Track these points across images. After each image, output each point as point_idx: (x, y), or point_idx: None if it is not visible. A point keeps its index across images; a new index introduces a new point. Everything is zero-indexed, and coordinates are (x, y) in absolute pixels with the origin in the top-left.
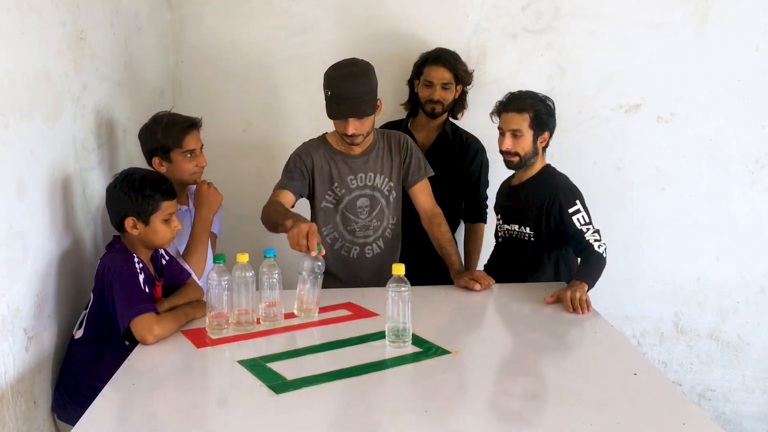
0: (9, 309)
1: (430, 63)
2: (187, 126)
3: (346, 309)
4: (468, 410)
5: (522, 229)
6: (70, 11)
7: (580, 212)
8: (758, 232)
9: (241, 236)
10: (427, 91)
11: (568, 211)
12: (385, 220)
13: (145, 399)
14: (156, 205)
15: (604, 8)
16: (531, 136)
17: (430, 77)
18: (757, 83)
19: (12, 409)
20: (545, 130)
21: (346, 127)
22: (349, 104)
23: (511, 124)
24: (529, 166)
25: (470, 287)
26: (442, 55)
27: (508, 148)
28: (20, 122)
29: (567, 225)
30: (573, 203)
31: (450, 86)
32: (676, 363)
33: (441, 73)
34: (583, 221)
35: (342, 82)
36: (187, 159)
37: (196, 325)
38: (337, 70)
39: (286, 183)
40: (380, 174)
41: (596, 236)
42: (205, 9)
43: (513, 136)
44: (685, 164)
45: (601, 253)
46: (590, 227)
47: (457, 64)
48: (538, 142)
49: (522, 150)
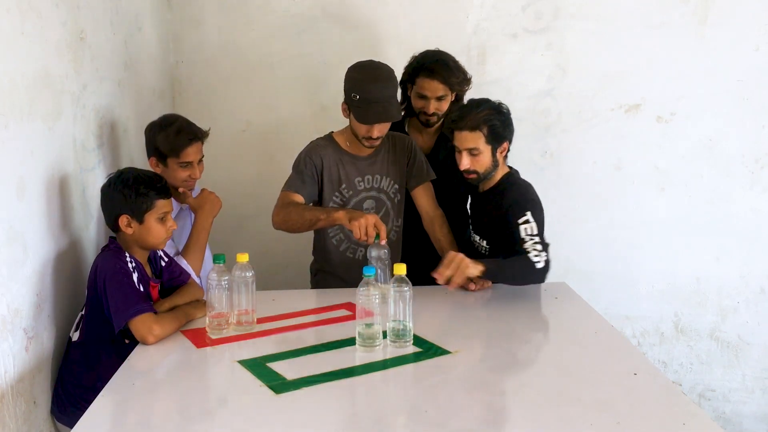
0: (9, 309)
1: (423, 75)
2: (191, 138)
3: (346, 309)
4: (468, 410)
5: (480, 242)
6: (70, 11)
7: (529, 223)
8: (758, 232)
9: (241, 236)
10: (421, 103)
11: (517, 221)
12: (390, 222)
13: (144, 399)
14: (150, 203)
15: (604, 8)
16: (489, 151)
17: (423, 90)
18: (757, 83)
19: (12, 409)
20: (503, 140)
21: (371, 131)
22: (380, 108)
23: (466, 143)
24: (490, 178)
25: (466, 287)
26: (435, 68)
27: (466, 168)
28: (20, 122)
29: (512, 234)
30: (523, 214)
31: (446, 97)
32: (676, 363)
33: (434, 86)
34: (528, 231)
35: (372, 86)
36: (182, 168)
37: (196, 325)
38: (363, 73)
39: (299, 187)
40: (386, 176)
41: (538, 247)
42: (205, 9)
43: (470, 155)
44: (685, 164)
45: (533, 261)
46: (534, 239)
47: (451, 76)
48: (497, 154)
49: (481, 167)
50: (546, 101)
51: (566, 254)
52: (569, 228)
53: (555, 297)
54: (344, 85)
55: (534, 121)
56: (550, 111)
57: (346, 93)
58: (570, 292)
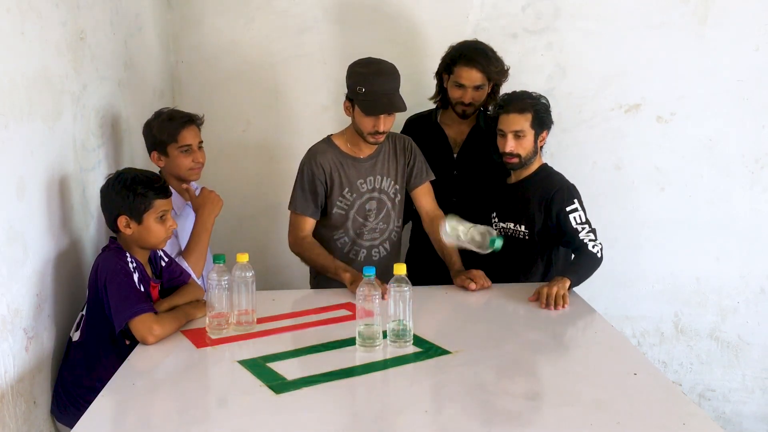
0: (9, 309)
1: (462, 63)
2: (184, 121)
3: (346, 309)
4: (468, 410)
5: (517, 227)
6: (70, 11)
7: (578, 211)
8: (758, 232)
9: (241, 236)
10: (458, 93)
11: (566, 210)
12: (391, 223)
13: (145, 399)
14: (149, 203)
15: (604, 8)
16: (532, 136)
17: (461, 79)
18: (757, 83)
19: (12, 409)
20: (545, 128)
21: (377, 124)
22: (385, 100)
23: (513, 125)
24: (528, 166)
25: (466, 286)
26: (474, 56)
27: (511, 150)
28: (20, 122)
29: (563, 223)
30: (571, 202)
31: (483, 87)
32: (676, 363)
33: (473, 75)
34: (579, 220)
35: (376, 78)
36: (183, 154)
37: (196, 325)
38: (367, 67)
39: (306, 209)
40: (387, 177)
41: (591, 236)
42: (205, 9)
43: (515, 137)
44: (685, 164)
45: (594, 253)
46: (586, 227)
47: (489, 65)
48: (538, 141)
49: (524, 151)
50: None
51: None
52: None
53: None
54: (347, 81)
55: None
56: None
57: (349, 88)
58: (570, 292)
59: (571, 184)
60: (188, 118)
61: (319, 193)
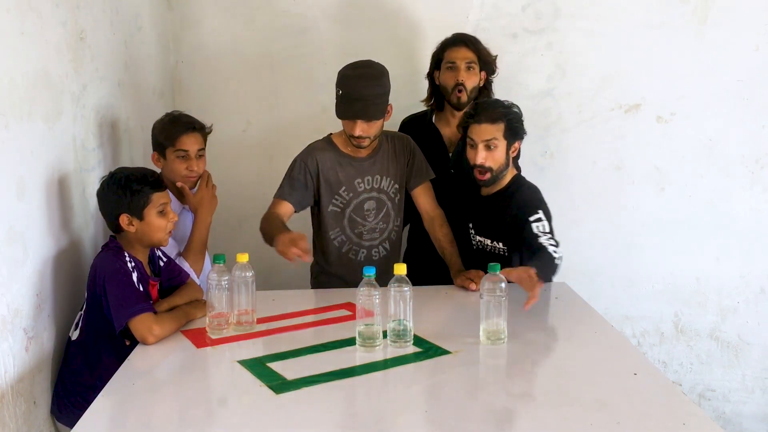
0: (9, 309)
1: (451, 45)
2: (186, 127)
3: (346, 309)
4: (468, 410)
5: (495, 244)
6: (70, 11)
7: (541, 221)
8: (758, 232)
9: (241, 236)
10: (451, 75)
11: (529, 219)
12: (390, 223)
13: (144, 399)
14: (147, 198)
15: (604, 8)
16: (504, 147)
17: (452, 58)
18: (757, 83)
19: (12, 409)
20: (517, 138)
21: (353, 128)
22: (359, 105)
23: (484, 134)
24: (500, 180)
25: (466, 286)
26: (460, 37)
27: (482, 162)
28: (20, 122)
29: (525, 231)
30: (534, 212)
31: (474, 67)
32: (676, 363)
33: (463, 53)
34: (541, 229)
35: (354, 83)
36: (179, 160)
37: (196, 325)
38: (352, 70)
39: (287, 194)
40: (386, 176)
41: (552, 242)
42: (205, 9)
43: (486, 148)
44: (685, 164)
45: (554, 255)
46: (548, 236)
47: (478, 44)
48: (510, 152)
49: (495, 163)
50: (546, 101)
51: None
52: (569, 228)
53: (555, 297)
54: None
55: (534, 121)
56: (550, 111)
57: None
58: (570, 292)
59: (540, 199)
60: (191, 125)
61: (308, 186)
